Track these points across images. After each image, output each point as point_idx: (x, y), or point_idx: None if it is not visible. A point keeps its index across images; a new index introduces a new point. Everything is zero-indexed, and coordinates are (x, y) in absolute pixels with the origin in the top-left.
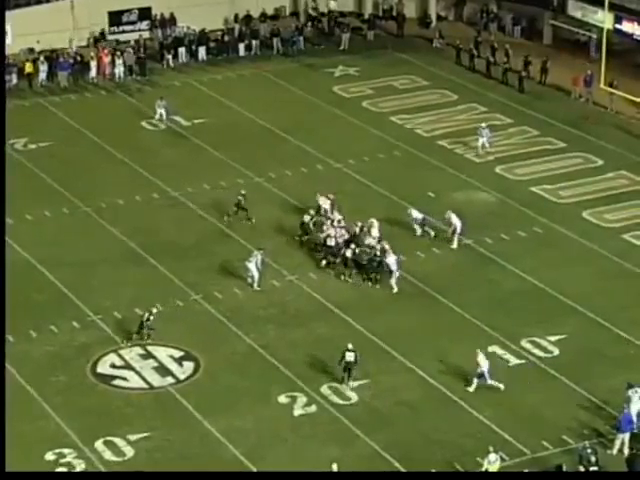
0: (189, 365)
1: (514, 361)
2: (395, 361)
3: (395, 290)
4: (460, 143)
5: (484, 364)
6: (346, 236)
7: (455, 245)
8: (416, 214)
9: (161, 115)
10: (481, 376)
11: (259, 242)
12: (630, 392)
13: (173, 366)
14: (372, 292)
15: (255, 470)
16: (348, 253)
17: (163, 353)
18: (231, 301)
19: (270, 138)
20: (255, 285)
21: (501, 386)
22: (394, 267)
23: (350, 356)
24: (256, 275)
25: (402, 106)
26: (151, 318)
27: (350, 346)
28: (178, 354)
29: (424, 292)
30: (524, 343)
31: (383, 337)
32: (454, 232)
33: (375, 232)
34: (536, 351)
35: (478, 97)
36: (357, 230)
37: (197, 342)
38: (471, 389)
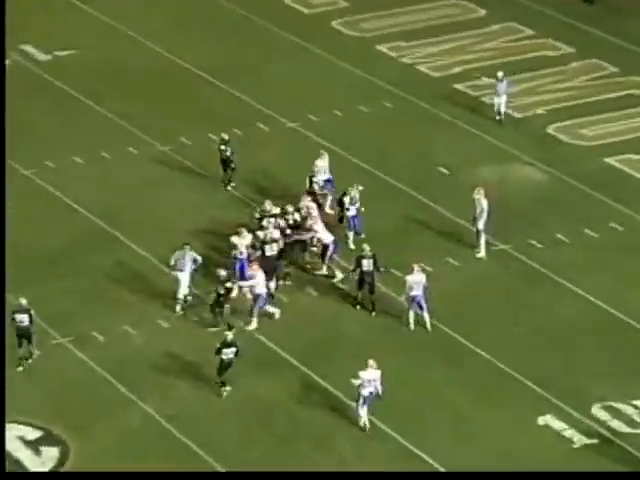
0: (51, 452)
1: (581, 440)
2: (390, 440)
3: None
4: (490, 88)
5: (366, 387)
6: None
7: (483, 253)
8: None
9: None
10: (364, 401)
11: (161, 246)
12: None
13: (23, 454)
14: (347, 328)
15: None
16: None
17: (8, 433)
18: (120, 346)
19: (185, 83)
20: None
21: (364, 422)
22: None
23: (229, 352)
24: (185, 287)
25: (397, 28)
26: None
27: (230, 336)
28: (33, 434)
29: (435, 327)
30: (596, 410)
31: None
32: (479, 232)
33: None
34: (615, 424)
35: (519, 12)
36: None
37: (64, 414)
38: (361, 423)
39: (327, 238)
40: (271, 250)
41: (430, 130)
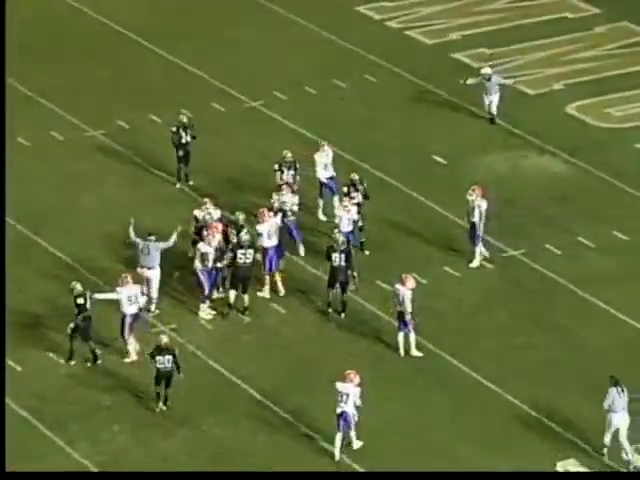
0: None
1: None
2: None
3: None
4: (496, 58)
5: (338, 403)
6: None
7: (478, 260)
8: None
9: None
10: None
11: (92, 255)
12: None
13: None
14: (322, 354)
15: None
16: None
17: None
18: (41, 377)
19: (121, 51)
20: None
21: (337, 455)
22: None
23: (165, 361)
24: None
25: None
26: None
27: (165, 340)
28: None
29: (428, 352)
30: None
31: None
32: (474, 234)
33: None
34: None
35: None
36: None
37: None
38: (337, 456)
39: (267, 242)
40: (245, 257)
41: (423, 110)
